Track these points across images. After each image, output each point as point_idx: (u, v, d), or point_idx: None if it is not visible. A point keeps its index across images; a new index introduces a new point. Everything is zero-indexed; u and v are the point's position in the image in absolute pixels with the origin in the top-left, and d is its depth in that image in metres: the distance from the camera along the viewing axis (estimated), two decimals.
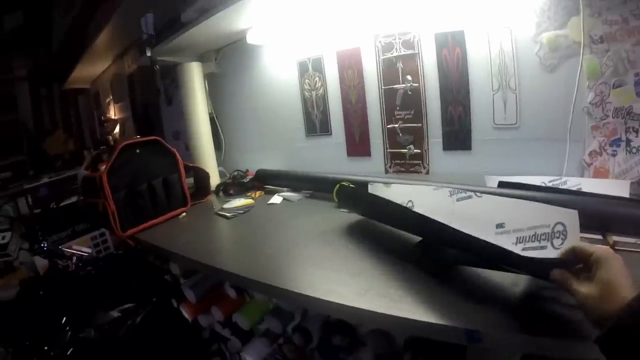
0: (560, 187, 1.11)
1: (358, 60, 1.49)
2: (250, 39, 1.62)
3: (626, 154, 1.31)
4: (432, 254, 0.76)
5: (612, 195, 0.97)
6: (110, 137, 3.66)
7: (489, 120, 1.38)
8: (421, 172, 1.47)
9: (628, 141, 1.30)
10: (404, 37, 1.41)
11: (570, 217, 0.55)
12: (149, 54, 1.88)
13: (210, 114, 2.00)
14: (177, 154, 1.47)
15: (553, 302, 0.59)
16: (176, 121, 2.46)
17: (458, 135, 1.41)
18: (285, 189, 1.47)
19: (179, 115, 2.11)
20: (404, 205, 0.86)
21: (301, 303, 0.81)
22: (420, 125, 1.45)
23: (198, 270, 1.16)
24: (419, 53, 1.40)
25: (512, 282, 0.64)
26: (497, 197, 0.70)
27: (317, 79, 1.61)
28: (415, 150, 1.45)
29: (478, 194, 0.73)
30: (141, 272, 1.30)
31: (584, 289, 0.47)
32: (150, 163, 1.36)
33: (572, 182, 1.12)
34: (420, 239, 0.81)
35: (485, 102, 1.37)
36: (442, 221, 0.68)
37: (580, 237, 0.55)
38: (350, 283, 0.70)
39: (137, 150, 1.32)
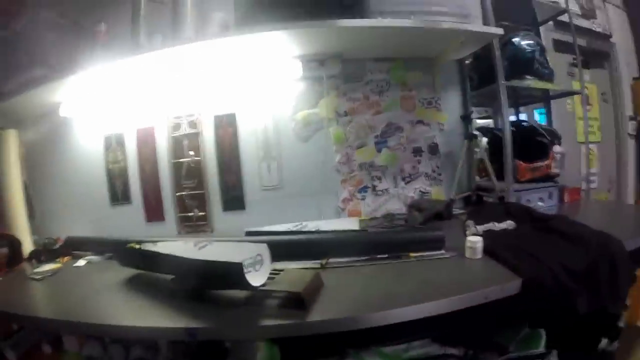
0: (302, 229, 1.23)
1: (152, 138, 1.66)
2: (62, 112, 1.73)
3: (373, 196, 1.62)
4: (182, 284, 0.96)
5: (341, 230, 1.19)
6: None
7: (258, 183, 1.56)
8: (207, 231, 1.63)
9: (374, 187, 1.61)
10: (190, 118, 1.62)
11: (264, 249, 0.84)
12: None
13: (24, 181, 1.98)
14: None
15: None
16: None
17: (234, 198, 1.59)
18: (89, 252, 1.56)
19: None
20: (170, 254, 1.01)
21: (99, 332, 0.94)
22: (203, 192, 1.60)
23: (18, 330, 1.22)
24: (201, 132, 1.60)
25: (237, 295, 0.86)
26: (224, 242, 0.99)
27: (119, 153, 1.72)
28: (200, 213, 1.60)
29: (211, 242, 0.98)
30: None
31: None
32: None
33: (311, 225, 1.26)
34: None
35: (254, 169, 1.56)
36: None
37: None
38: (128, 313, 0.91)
39: None
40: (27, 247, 1.76)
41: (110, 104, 1.69)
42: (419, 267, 0.94)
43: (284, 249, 1.08)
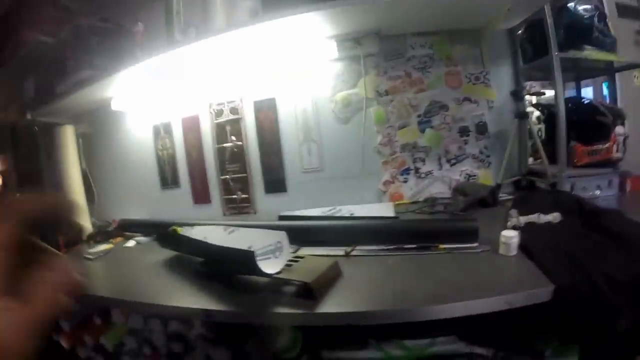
0: (335, 214, 1.22)
1: (197, 125, 1.74)
2: (114, 106, 1.85)
3: (416, 179, 1.55)
4: (209, 267, 1.01)
5: (370, 216, 1.14)
6: None
7: (299, 166, 1.57)
8: (251, 213, 1.69)
9: (417, 169, 1.55)
10: (231, 104, 1.66)
11: (283, 236, 0.84)
12: (29, 116, 2.03)
13: (84, 169, 2.14)
14: None
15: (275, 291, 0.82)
16: (55, 175, 2.53)
17: (275, 181, 1.63)
18: (139, 234, 1.66)
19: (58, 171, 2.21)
20: (201, 239, 1.05)
21: (143, 310, 1.05)
22: (245, 175, 1.66)
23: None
24: (242, 117, 1.64)
25: (257, 280, 0.88)
26: (247, 228, 1.00)
27: (167, 140, 1.83)
28: (243, 196, 1.66)
29: (238, 228, 1.01)
30: None
31: None
32: None
33: (345, 210, 1.24)
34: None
35: (294, 152, 1.57)
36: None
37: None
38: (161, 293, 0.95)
39: None
40: (87, 229, 1.92)
41: (157, 96, 1.78)
42: (444, 262, 0.88)
43: (311, 234, 1.08)
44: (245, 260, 0.77)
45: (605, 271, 0.69)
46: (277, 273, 0.81)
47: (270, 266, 0.80)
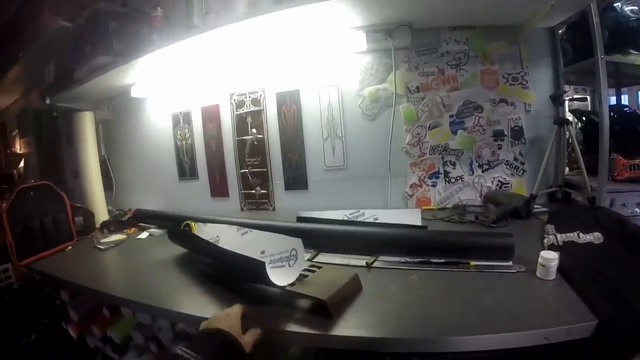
0: (357, 219, 1.15)
1: (217, 115, 1.68)
2: (134, 93, 1.81)
3: (445, 183, 1.47)
4: (216, 270, 0.97)
5: (396, 224, 1.06)
6: (15, 171, 3.55)
7: (321, 164, 1.51)
8: (269, 209, 1.62)
9: (446, 173, 1.46)
10: (253, 95, 1.60)
11: (298, 244, 0.78)
12: (47, 101, 2.02)
13: (102, 156, 2.13)
14: (65, 196, 1.61)
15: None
16: (74, 161, 2.54)
17: (296, 177, 1.57)
18: (152, 226, 1.63)
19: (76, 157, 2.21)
20: (213, 239, 1.04)
21: (152, 312, 1.00)
22: (265, 170, 1.61)
23: (80, 294, 1.35)
24: (264, 109, 1.58)
25: (268, 289, 0.82)
26: (260, 231, 0.93)
27: (186, 130, 1.78)
28: (262, 191, 1.61)
29: (251, 230, 0.96)
30: (36, 299, 1.53)
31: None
32: (42, 204, 1.53)
33: (369, 214, 1.16)
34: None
35: (317, 149, 1.51)
36: (231, 247, 0.86)
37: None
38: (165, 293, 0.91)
39: (31, 193, 1.50)
40: (102, 217, 1.90)
41: (177, 84, 1.74)
42: (475, 282, 0.79)
43: (331, 240, 1.01)
44: (255, 269, 0.73)
45: None
46: (291, 285, 0.75)
47: (282, 276, 0.74)
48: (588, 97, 1.77)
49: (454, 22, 1.43)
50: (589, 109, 1.76)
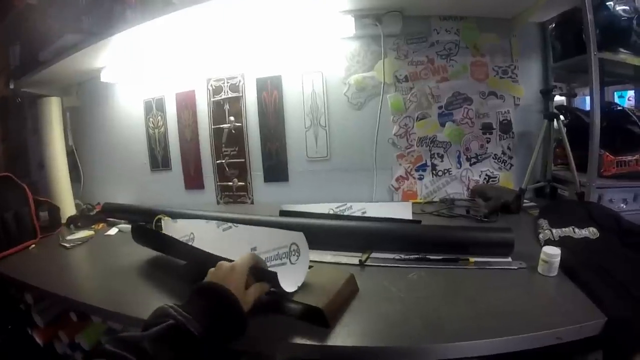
0: (344, 212, 1.09)
1: (193, 102, 1.57)
2: (104, 78, 1.68)
3: (432, 177, 1.41)
4: (191, 274, 0.85)
5: (388, 218, 1.02)
6: None
7: (303, 154, 1.43)
8: (247, 202, 1.54)
9: (434, 166, 1.41)
10: (231, 81, 1.50)
11: (300, 238, 0.68)
12: (11, 86, 1.86)
13: (70, 146, 1.98)
14: (27, 189, 1.47)
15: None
16: (39, 152, 2.38)
17: (276, 168, 1.48)
18: (122, 221, 1.51)
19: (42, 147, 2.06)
20: (186, 237, 0.95)
21: (121, 321, 0.87)
22: (243, 160, 1.51)
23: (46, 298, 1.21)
24: (243, 96, 1.48)
25: None
26: (250, 226, 0.83)
27: (159, 117, 1.67)
28: (239, 183, 1.53)
29: (235, 224, 0.85)
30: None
31: None
32: (1, 197, 1.38)
33: (357, 207, 1.10)
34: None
35: (299, 138, 1.43)
36: (211, 246, 0.77)
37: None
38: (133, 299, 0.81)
39: None
40: (70, 212, 1.76)
41: (150, 68, 1.61)
42: (477, 279, 0.75)
43: (320, 236, 0.92)
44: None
45: None
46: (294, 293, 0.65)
47: (286, 276, 0.63)
48: (569, 94, 1.75)
49: (445, 11, 1.37)
50: (571, 105, 1.75)
